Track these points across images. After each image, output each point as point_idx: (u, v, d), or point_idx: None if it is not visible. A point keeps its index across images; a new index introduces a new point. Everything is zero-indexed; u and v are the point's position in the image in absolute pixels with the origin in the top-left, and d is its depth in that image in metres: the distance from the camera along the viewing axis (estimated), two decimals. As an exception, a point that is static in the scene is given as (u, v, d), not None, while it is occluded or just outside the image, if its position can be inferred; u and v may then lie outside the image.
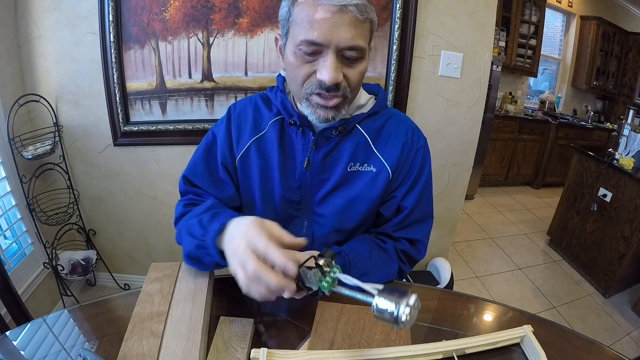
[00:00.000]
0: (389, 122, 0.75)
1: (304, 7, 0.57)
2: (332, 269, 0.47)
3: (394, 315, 0.39)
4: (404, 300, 0.40)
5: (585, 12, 3.89)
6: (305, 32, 0.57)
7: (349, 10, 0.55)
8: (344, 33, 0.56)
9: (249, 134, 0.74)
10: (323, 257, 0.47)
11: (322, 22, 0.56)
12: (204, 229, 0.59)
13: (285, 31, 0.62)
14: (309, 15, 0.56)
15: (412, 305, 0.39)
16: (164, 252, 1.80)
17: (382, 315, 0.41)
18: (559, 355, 0.54)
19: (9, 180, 1.40)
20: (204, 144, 0.78)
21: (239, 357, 0.50)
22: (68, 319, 0.59)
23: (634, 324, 1.88)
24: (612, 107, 4.28)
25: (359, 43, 0.58)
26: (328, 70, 0.58)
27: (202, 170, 0.75)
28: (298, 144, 0.72)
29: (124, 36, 1.39)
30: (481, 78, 1.52)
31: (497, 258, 2.44)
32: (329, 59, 0.58)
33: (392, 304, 0.40)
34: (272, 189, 0.74)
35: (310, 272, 0.47)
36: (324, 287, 0.46)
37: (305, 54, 0.59)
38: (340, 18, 0.56)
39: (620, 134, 2.20)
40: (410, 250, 0.76)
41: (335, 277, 0.47)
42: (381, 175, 0.72)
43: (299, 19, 0.58)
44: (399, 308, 0.39)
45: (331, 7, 0.55)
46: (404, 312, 0.39)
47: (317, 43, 0.57)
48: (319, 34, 0.56)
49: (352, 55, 0.59)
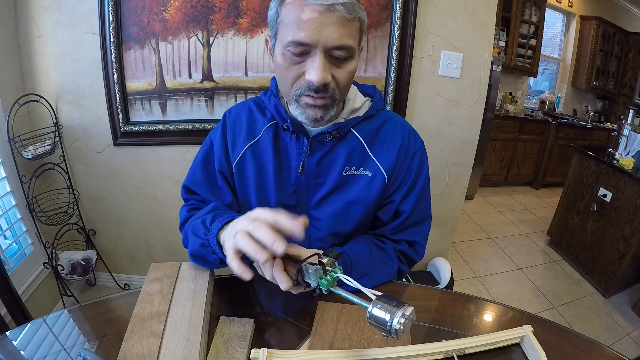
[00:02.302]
0: (385, 125, 0.75)
1: (292, 8, 0.56)
2: (334, 269, 0.48)
3: (388, 324, 0.39)
4: (400, 310, 0.39)
5: (585, 12, 3.89)
6: (292, 33, 0.56)
7: (336, 9, 0.55)
8: (332, 32, 0.56)
9: (244, 140, 0.74)
10: (327, 256, 0.48)
11: (310, 22, 0.55)
12: (207, 228, 0.61)
13: (274, 32, 0.62)
14: (296, 15, 0.56)
15: (407, 316, 0.39)
16: (164, 252, 1.80)
17: (376, 322, 0.41)
18: (559, 355, 0.54)
19: (9, 180, 1.40)
20: (202, 151, 0.79)
21: (239, 357, 0.50)
22: (68, 319, 0.59)
23: (634, 324, 1.88)
24: (612, 107, 4.27)
25: (347, 42, 0.58)
26: (316, 71, 0.57)
27: (201, 178, 0.77)
28: (292, 149, 0.72)
29: (124, 36, 1.39)
30: (481, 78, 1.52)
31: (497, 258, 2.44)
32: (317, 59, 0.57)
33: (387, 313, 0.40)
34: (267, 194, 0.74)
35: (312, 268, 0.47)
36: (323, 284, 0.46)
37: (293, 55, 0.59)
38: (328, 17, 0.55)
39: (620, 134, 2.20)
40: (409, 252, 0.76)
41: (336, 276, 0.47)
42: (377, 180, 0.72)
43: (287, 20, 0.57)
44: (394, 318, 0.39)
45: (318, 6, 0.55)
46: (398, 322, 0.39)
47: (304, 43, 0.56)
48: (306, 34, 0.56)
49: (341, 55, 0.59)
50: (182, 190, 0.80)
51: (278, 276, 0.51)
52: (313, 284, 0.48)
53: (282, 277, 0.51)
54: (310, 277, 0.48)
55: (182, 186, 0.79)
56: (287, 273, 0.52)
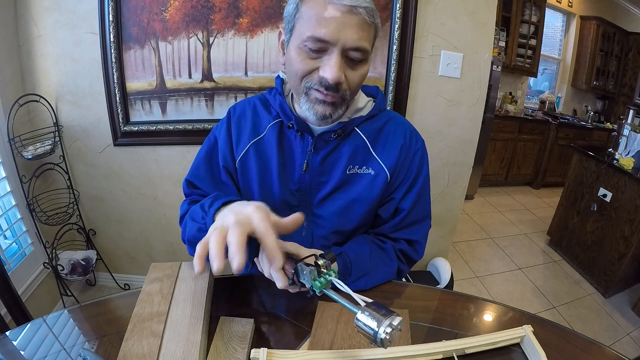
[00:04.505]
0: (388, 125, 0.75)
1: (314, 5, 0.57)
2: (329, 272, 0.48)
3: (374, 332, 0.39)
4: (387, 319, 0.39)
5: (585, 12, 3.89)
6: (313, 29, 0.57)
7: (359, 12, 0.56)
8: (352, 33, 0.57)
9: (248, 136, 0.75)
10: (323, 258, 0.48)
11: (331, 21, 0.56)
12: (205, 212, 0.59)
13: (291, 27, 0.62)
14: (318, 12, 0.57)
15: (394, 327, 0.39)
16: (164, 252, 1.80)
17: (362, 329, 0.41)
18: (559, 355, 0.54)
19: (9, 180, 1.40)
20: (205, 146, 0.79)
21: (239, 357, 0.50)
22: (68, 319, 0.59)
23: (634, 324, 1.88)
24: (612, 107, 4.28)
25: (364, 45, 0.59)
26: (332, 69, 0.58)
27: (204, 173, 0.77)
28: (297, 147, 0.72)
29: (124, 36, 1.39)
30: (481, 78, 1.52)
31: (497, 258, 2.44)
32: (334, 57, 0.58)
33: (375, 321, 0.40)
34: (270, 191, 0.74)
35: (307, 269, 0.48)
36: (317, 286, 0.47)
37: (310, 50, 0.59)
38: (350, 18, 0.56)
39: (620, 134, 2.21)
40: (409, 251, 0.76)
41: (330, 279, 0.47)
42: (379, 178, 0.72)
43: (307, 16, 0.58)
44: (380, 327, 0.39)
45: (341, 6, 0.56)
46: (385, 331, 0.39)
47: (324, 40, 0.57)
48: (327, 32, 0.56)
49: (357, 57, 0.60)
50: (185, 185, 0.79)
51: (275, 274, 0.51)
52: (307, 285, 0.48)
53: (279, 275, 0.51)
54: (305, 278, 0.48)
55: (185, 180, 0.78)
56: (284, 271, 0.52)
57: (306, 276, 0.48)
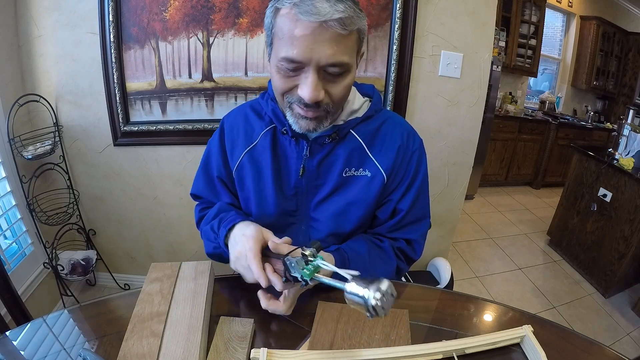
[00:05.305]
0: (384, 125, 0.75)
1: (286, 20, 0.55)
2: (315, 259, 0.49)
3: (364, 300, 0.39)
4: (374, 285, 0.39)
5: (585, 12, 3.89)
6: (285, 49, 0.55)
7: (330, 25, 0.53)
8: (325, 50, 0.54)
9: (242, 145, 0.75)
10: (309, 248, 0.49)
11: (302, 39, 0.53)
12: (216, 234, 0.69)
13: (270, 41, 0.61)
14: (290, 30, 0.54)
15: (383, 291, 0.39)
16: (164, 252, 1.80)
17: (353, 300, 0.41)
18: (559, 355, 0.54)
19: (9, 180, 1.40)
20: (202, 159, 0.83)
21: (239, 357, 0.50)
22: (68, 319, 0.59)
23: (634, 324, 1.88)
24: (612, 107, 4.27)
25: (341, 59, 0.56)
26: (309, 88, 0.57)
27: (202, 185, 0.82)
28: (292, 152, 0.72)
29: (124, 36, 1.39)
30: (481, 78, 1.52)
31: (497, 258, 2.44)
32: (310, 76, 0.56)
33: (362, 289, 0.39)
34: (266, 197, 0.74)
35: (293, 260, 0.49)
36: (305, 274, 0.48)
37: (287, 69, 0.58)
38: (321, 34, 0.53)
39: (620, 134, 2.20)
40: (407, 249, 0.76)
41: (316, 264, 0.48)
42: (376, 180, 0.72)
43: (281, 33, 0.56)
44: (369, 293, 0.39)
45: (311, 23, 0.52)
46: (374, 297, 0.38)
47: (296, 61, 0.55)
48: (298, 52, 0.54)
49: (335, 72, 0.58)
50: (191, 196, 0.87)
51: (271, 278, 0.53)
52: (298, 276, 0.49)
53: (274, 278, 0.53)
54: (294, 270, 0.49)
55: (190, 194, 0.86)
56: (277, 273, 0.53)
57: (295, 268, 0.49)
